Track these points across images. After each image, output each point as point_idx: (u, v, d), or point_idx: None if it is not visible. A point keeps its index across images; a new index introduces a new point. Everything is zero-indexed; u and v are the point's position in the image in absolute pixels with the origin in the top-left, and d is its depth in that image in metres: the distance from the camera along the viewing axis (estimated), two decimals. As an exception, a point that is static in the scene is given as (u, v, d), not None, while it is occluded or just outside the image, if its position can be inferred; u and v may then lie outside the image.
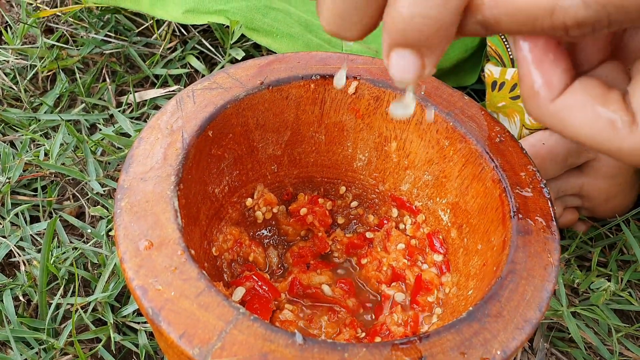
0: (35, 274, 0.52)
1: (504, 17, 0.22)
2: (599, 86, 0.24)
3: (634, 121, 0.23)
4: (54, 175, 0.61)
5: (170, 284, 0.32)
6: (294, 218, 0.50)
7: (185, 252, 0.33)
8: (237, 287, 0.44)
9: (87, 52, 0.71)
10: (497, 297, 0.33)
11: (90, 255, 0.54)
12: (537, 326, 0.33)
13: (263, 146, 0.47)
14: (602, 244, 0.60)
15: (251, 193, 0.48)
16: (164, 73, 0.70)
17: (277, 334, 0.30)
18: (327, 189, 0.51)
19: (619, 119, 0.23)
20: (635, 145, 0.23)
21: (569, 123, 0.23)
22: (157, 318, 0.31)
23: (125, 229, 0.34)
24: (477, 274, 0.40)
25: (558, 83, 0.24)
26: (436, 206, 0.46)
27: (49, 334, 0.49)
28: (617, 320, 0.54)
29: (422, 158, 0.46)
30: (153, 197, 0.36)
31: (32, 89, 0.70)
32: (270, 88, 0.43)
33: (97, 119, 0.66)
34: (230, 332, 0.30)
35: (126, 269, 0.33)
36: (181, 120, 0.40)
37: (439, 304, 0.44)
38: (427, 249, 0.47)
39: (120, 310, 0.51)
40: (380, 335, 0.43)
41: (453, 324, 0.32)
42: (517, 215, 0.37)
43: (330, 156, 0.49)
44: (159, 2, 0.67)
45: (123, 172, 0.37)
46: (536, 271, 0.35)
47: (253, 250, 0.47)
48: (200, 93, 0.41)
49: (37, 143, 0.64)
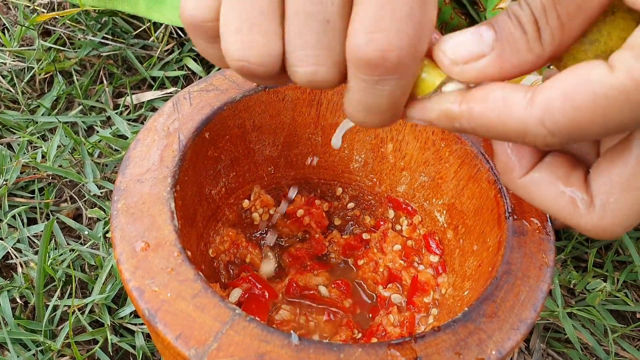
0: (33, 275, 0.52)
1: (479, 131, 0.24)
2: (564, 165, 0.25)
3: (592, 203, 0.24)
4: (52, 177, 0.61)
5: (167, 285, 0.32)
6: (290, 220, 0.50)
7: (181, 253, 0.33)
8: (234, 289, 0.44)
9: (85, 54, 0.71)
10: (492, 297, 0.34)
11: (88, 257, 0.54)
12: (532, 326, 0.33)
13: (260, 148, 0.47)
14: (598, 244, 0.61)
15: (248, 195, 0.48)
16: (161, 75, 0.70)
17: (273, 335, 0.30)
18: (324, 190, 0.51)
19: (578, 198, 0.25)
20: (592, 224, 0.25)
21: (536, 197, 0.26)
22: (153, 319, 0.31)
23: (121, 230, 0.34)
24: (473, 274, 0.40)
25: (527, 162, 0.26)
26: (432, 207, 0.47)
27: (46, 336, 0.49)
28: (613, 320, 0.55)
29: (418, 159, 0.46)
30: (150, 198, 0.36)
31: (30, 91, 0.70)
32: (266, 90, 0.44)
33: (95, 121, 0.66)
34: (226, 332, 0.30)
35: (123, 270, 0.33)
36: (178, 122, 0.40)
37: (435, 305, 0.44)
38: (424, 250, 0.47)
39: (117, 311, 0.51)
40: (376, 335, 0.43)
41: (448, 325, 0.32)
42: (513, 216, 0.38)
43: (327, 158, 0.49)
44: (156, 6, 0.67)
45: (120, 174, 0.37)
46: (531, 271, 0.35)
47: (250, 251, 0.47)
48: (196, 95, 0.42)
49: (35, 145, 0.64)
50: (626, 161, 0.23)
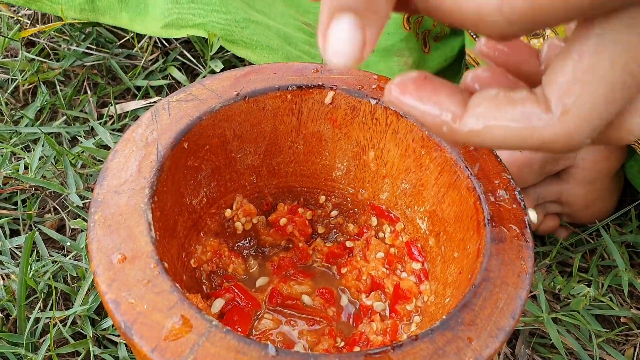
0: (14, 287, 0.52)
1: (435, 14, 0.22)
2: (502, 90, 0.23)
3: (549, 110, 0.22)
4: (34, 189, 0.61)
5: (143, 297, 0.32)
6: (273, 228, 0.50)
7: (158, 265, 0.33)
8: (216, 299, 0.44)
9: (69, 64, 0.71)
10: (470, 305, 0.34)
11: (70, 269, 0.54)
12: (510, 334, 0.33)
13: (241, 157, 0.47)
14: (583, 249, 0.61)
15: (230, 204, 0.48)
16: (145, 84, 0.70)
17: (250, 346, 0.30)
18: (307, 198, 0.51)
19: (531, 112, 0.23)
20: (554, 132, 0.22)
21: (486, 135, 0.23)
22: (129, 331, 0.31)
23: (98, 242, 0.34)
24: (454, 281, 0.40)
25: (452, 105, 0.24)
26: (414, 214, 0.47)
27: (28, 349, 0.49)
28: (597, 325, 0.55)
29: (399, 167, 0.46)
30: (127, 210, 0.35)
31: (13, 102, 0.70)
32: (246, 99, 0.44)
33: (78, 131, 0.66)
34: (202, 344, 0.30)
35: (99, 282, 0.33)
36: (156, 132, 0.40)
37: (417, 312, 0.44)
38: (406, 257, 0.47)
39: (100, 323, 0.51)
40: (359, 344, 0.43)
41: (426, 333, 0.32)
42: (491, 223, 0.38)
43: (309, 166, 0.49)
44: (138, 17, 0.67)
45: (97, 186, 0.37)
46: (510, 279, 0.35)
47: (232, 261, 0.47)
48: (175, 105, 0.42)
49: (18, 156, 0.64)
50: (581, 52, 0.22)
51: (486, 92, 0.24)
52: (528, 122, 0.23)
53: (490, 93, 0.23)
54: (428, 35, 0.63)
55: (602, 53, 0.21)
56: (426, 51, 0.64)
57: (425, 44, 0.63)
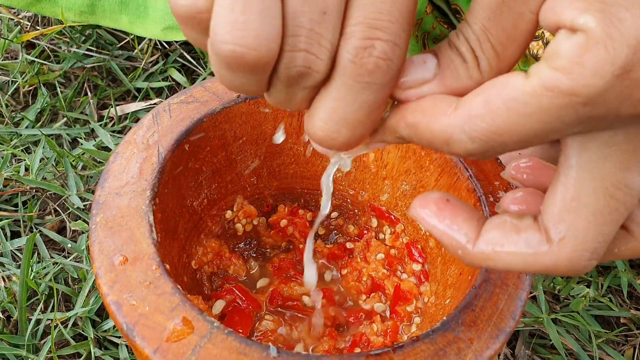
0: (15, 289, 0.52)
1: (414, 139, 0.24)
2: (510, 218, 0.25)
3: (548, 237, 0.24)
4: (35, 190, 0.61)
5: (145, 299, 0.32)
6: (274, 230, 0.50)
7: (159, 266, 0.33)
8: (217, 300, 0.44)
9: (69, 66, 0.71)
10: (471, 306, 0.34)
11: (71, 270, 0.54)
12: (510, 335, 0.33)
13: (242, 158, 0.47)
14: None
15: (231, 205, 0.48)
16: (146, 86, 0.70)
17: (252, 347, 0.30)
18: (307, 200, 0.51)
19: (535, 241, 0.24)
20: (556, 259, 0.24)
21: (496, 259, 0.25)
22: (131, 333, 0.31)
23: (100, 244, 0.34)
24: (455, 282, 0.40)
25: (468, 230, 0.25)
26: (414, 216, 0.47)
27: (29, 350, 0.49)
28: (597, 326, 0.55)
29: (399, 168, 0.46)
30: (128, 212, 0.36)
31: (14, 103, 0.70)
32: (247, 101, 0.44)
33: (79, 133, 0.66)
34: (204, 346, 0.30)
35: (101, 284, 0.33)
36: (157, 134, 0.40)
37: (418, 314, 0.44)
38: (406, 258, 0.47)
39: (100, 324, 0.51)
40: (359, 345, 0.43)
41: (427, 334, 0.32)
42: (492, 224, 0.38)
43: (310, 167, 0.50)
44: (138, 20, 0.67)
45: (99, 188, 0.37)
46: (510, 280, 0.35)
47: (233, 262, 0.47)
48: (176, 107, 0.42)
49: (19, 158, 0.64)
50: (566, 182, 0.23)
51: (497, 219, 0.25)
52: (531, 250, 0.24)
53: (499, 220, 0.25)
54: (427, 37, 0.63)
55: (584, 181, 0.22)
56: (426, 53, 0.64)
57: (425, 46, 0.63)
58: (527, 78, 0.21)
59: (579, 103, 0.20)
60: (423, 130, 0.23)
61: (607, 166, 0.22)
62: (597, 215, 0.23)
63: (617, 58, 0.19)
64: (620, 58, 0.19)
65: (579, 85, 0.19)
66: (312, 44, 0.23)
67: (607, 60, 0.19)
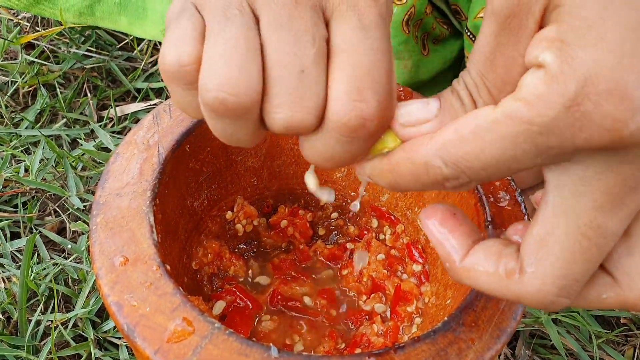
0: (15, 290, 0.52)
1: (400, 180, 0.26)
2: (498, 244, 0.26)
3: (522, 268, 0.24)
4: (35, 191, 0.61)
5: (146, 300, 0.32)
6: (274, 230, 0.50)
7: (160, 267, 0.33)
8: (217, 301, 0.44)
9: (68, 67, 0.71)
10: (472, 306, 0.34)
11: (71, 271, 0.54)
12: (511, 335, 0.33)
13: (242, 159, 0.47)
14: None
15: (231, 206, 0.48)
16: (145, 87, 0.70)
17: (253, 348, 0.30)
18: (308, 200, 0.51)
19: (509, 267, 0.25)
20: (524, 290, 0.24)
21: (475, 278, 0.26)
22: (132, 334, 0.31)
23: (100, 245, 0.34)
24: (455, 283, 0.40)
25: (460, 247, 0.27)
26: (415, 216, 0.47)
27: (29, 351, 0.49)
28: (597, 326, 0.55)
29: (399, 169, 0.46)
30: (129, 212, 0.36)
31: (13, 104, 0.70)
32: (247, 101, 0.44)
33: (79, 133, 0.66)
34: (205, 347, 0.30)
35: (102, 285, 0.33)
36: (157, 135, 0.40)
37: (418, 314, 0.44)
38: (407, 259, 0.47)
39: (101, 325, 0.51)
40: (360, 346, 0.43)
41: (428, 334, 0.32)
42: (492, 224, 0.38)
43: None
44: (137, 22, 0.67)
45: (99, 188, 0.37)
46: (511, 280, 0.35)
47: (233, 263, 0.47)
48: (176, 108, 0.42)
49: (18, 159, 0.64)
50: (543, 217, 0.24)
51: (488, 242, 0.26)
52: (505, 277, 0.25)
53: (488, 244, 0.26)
54: (427, 37, 0.63)
55: (559, 218, 0.23)
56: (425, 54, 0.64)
57: (425, 47, 0.63)
58: (494, 109, 0.22)
59: (534, 132, 0.21)
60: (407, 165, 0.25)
61: (582, 204, 0.22)
62: (567, 253, 0.23)
63: (566, 91, 0.20)
64: (570, 91, 0.20)
65: (534, 115, 0.21)
66: (295, 105, 0.25)
67: (558, 93, 0.20)
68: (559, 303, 0.24)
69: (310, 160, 0.27)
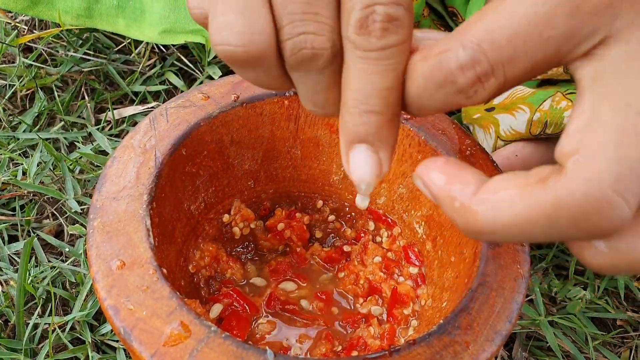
0: (13, 293, 0.52)
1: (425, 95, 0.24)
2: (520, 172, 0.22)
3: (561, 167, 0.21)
4: (33, 194, 0.61)
5: (142, 303, 0.32)
6: (271, 233, 0.50)
7: (157, 271, 0.33)
8: (214, 304, 0.44)
9: (66, 70, 0.71)
10: (467, 309, 0.34)
11: (68, 274, 0.54)
12: (507, 338, 0.33)
13: (239, 162, 0.47)
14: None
15: (228, 209, 0.48)
16: (143, 90, 0.71)
17: (249, 352, 0.30)
18: (305, 203, 0.51)
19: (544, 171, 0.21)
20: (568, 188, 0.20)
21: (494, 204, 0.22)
22: (129, 337, 0.31)
23: (97, 248, 0.34)
24: (451, 286, 0.41)
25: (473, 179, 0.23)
26: (411, 219, 0.47)
27: (27, 355, 0.49)
28: (594, 328, 0.55)
29: (396, 171, 0.46)
30: (125, 216, 0.36)
31: (11, 107, 0.70)
32: (244, 105, 0.44)
33: (76, 137, 0.66)
34: (202, 350, 0.30)
35: (98, 288, 0.33)
36: (154, 139, 0.40)
37: (415, 317, 0.44)
38: (403, 261, 0.47)
39: (98, 328, 0.51)
40: (357, 348, 0.43)
41: (423, 337, 0.32)
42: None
43: (307, 171, 0.50)
44: (135, 24, 0.67)
45: (96, 192, 0.37)
46: (506, 283, 0.35)
47: (230, 266, 0.47)
48: (173, 111, 0.42)
49: (16, 162, 0.64)
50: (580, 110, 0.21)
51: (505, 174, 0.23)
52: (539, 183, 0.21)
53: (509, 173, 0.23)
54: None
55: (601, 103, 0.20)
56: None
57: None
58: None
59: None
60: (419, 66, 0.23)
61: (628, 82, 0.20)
62: (619, 133, 0.19)
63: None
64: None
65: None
66: (308, 24, 0.23)
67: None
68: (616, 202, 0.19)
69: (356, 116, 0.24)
